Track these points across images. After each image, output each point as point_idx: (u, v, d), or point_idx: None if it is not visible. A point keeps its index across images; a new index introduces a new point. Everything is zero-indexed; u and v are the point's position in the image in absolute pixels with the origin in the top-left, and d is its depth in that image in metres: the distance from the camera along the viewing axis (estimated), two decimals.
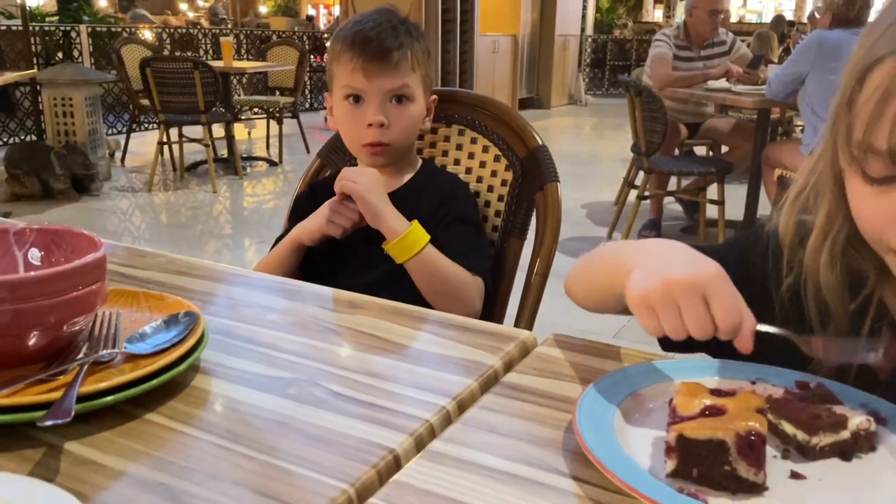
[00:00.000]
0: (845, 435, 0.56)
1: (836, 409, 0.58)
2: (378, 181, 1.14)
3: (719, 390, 0.59)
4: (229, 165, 5.77)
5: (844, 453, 0.57)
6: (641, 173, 3.94)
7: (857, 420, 0.57)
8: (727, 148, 4.45)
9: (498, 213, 1.31)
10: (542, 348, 0.77)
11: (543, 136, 1.29)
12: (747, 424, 0.53)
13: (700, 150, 4.94)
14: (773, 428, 0.58)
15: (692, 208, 4.37)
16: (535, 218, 1.27)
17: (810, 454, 0.56)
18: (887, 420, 0.59)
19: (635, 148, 4.03)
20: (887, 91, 0.58)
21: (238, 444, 0.57)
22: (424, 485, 0.53)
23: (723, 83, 4.13)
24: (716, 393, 0.58)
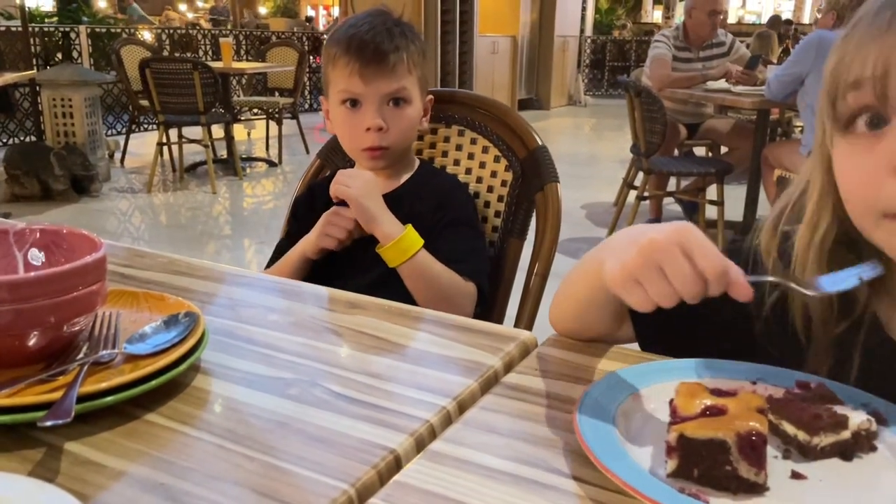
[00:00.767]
0: (846, 435, 0.56)
1: (837, 409, 0.58)
2: (373, 184, 1.13)
3: (720, 390, 0.59)
4: (229, 166, 5.77)
5: (845, 453, 0.57)
6: (641, 174, 3.94)
7: (857, 420, 0.57)
8: (726, 148, 4.45)
9: (498, 214, 1.31)
10: (542, 348, 0.77)
11: (543, 136, 1.29)
12: (748, 424, 0.53)
13: (699, 151, 4.94)
14: (774, 428, 0.58)
15: (691, 209, 4.37)
16: (534, 218, 1.27)
17: (811, 454, 0.56)
18: (888, 420, 0.59)
19: (635, 148, 4.03)
20: (861, 20, 0.59)
21: (238, 444, 0.57)
22: (425, 485, 0.53)
23: (722, 84, 4.13)
24: (716, 393, 0.58)
